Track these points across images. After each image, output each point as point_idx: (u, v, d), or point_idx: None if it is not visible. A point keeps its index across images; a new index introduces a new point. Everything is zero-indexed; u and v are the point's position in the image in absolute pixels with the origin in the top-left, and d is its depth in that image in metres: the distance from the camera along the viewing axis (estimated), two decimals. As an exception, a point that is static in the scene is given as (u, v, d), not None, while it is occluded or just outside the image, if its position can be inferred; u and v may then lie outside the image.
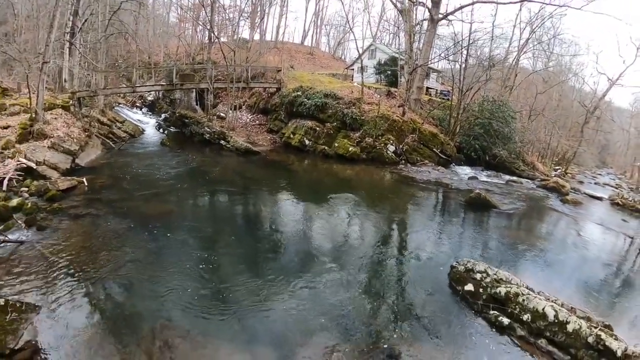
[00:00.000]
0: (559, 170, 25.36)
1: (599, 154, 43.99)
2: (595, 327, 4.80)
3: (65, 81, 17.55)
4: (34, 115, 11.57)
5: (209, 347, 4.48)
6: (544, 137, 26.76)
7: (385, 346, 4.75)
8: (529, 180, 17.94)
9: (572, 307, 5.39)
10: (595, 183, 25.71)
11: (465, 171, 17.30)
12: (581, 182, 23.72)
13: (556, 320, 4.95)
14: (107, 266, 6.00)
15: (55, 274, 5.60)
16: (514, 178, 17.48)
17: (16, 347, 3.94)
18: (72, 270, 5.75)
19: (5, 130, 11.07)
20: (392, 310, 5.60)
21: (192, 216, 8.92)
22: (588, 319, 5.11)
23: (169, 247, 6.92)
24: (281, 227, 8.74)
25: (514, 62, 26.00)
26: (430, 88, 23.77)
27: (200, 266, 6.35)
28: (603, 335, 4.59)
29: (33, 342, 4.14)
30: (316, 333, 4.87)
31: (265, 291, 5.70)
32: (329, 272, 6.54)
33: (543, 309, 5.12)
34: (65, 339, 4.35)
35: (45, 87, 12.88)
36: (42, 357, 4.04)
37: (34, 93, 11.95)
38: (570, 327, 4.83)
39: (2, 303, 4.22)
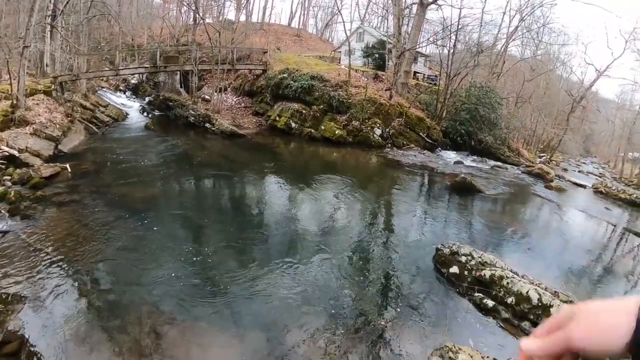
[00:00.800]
0: (543, 157, 25.82)
1: (583, 143, 44.88)
2: None
3: (46, 65, 16.95)
4: (15, 102, 11.22)
5: (197, 332, 4.49)
6: (529, 124, 27.13)
7: (372, 328, 4.83)
8: (513, 166, 18.25)
9: (555, 291, 5.47)
10: (579, 171, 26.31)
11: (451, 156, 17.48)
12: (565, 170, 24.23)
13: (540, 304, 5.03)
14: (93, 254, 5.93)
15: (40, 263, 5.50)
16: (499, 164, 17.75)
17: (3, 340, 3.88)
18: (58, 259, 5.66)
19: None
20: (379, 293, 5.66)
21: (177, 201, 8.83)
22: (571, 303, 5.20)
23: (155, 232, 6.85)
24: (268, 210, 8.73)
25: (502, 49, 26.09)
26: (418, 72, 23.74)
27: (187, 251, 6.32)
28: None
29: (20, 334, 4.07)
30: (304, 317, 4.91)
31: (252, 275, 5.71)
32: (315, 255, 6.57)
33: (527, 292, 5.20)
34: (53, 328, 4.30)
35: (27, 72, 12.48)
36: (30, 347, 3.98)
37: (14, 79, 11.53)
38: (553, 311, 4.90)
39: None
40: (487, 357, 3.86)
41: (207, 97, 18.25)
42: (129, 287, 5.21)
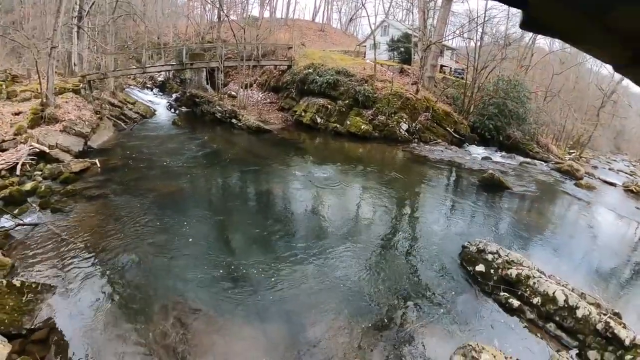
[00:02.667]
0: (573, 154, 24.82)
1: (614, 140, 42.85)
2: (605, 314, 4.71)
3: (74, 65, 17.57)
4: (44, 100, 11.63)
5: (222, 324, 4.53)
6: (559, 120, 26.09)
7: (395, 324, 4.77)
8: (542, 163, 17.64)
9: (582, 293, 5.30)
10: (610, 169, 25.10)
11: (479, 151, 17.04)
12: (595, 167, 23.21)
13: (566, 305, 4.88)
14: (120, 245, 6.05)
15: (69, 254, 5.66)
16: (528, 160, 17.22)
17: (32, 327, 4.00)
18: (86, 250, 5.83)
19: (17, 116, 11.18)
20: (403, 289, 5.59)
21: (204, 195, 8.95)
22: (597, 306, 5.01)
23: (182, 225, 6.96)
24: (293, 205, 8.73)
25: (530, 41, 25.20)
26: (445, 66, 23.21)
27: (213, 244, 6.39)
28: (612, 323, 4.50)
29: (49, 322, 4.19)
30: (327, 311, 4.90)
31: (277, 268, 5.73)
32: (340, 250, 6.53)
33: (553, 293, 5.05)
34: (80, 316, 4.42)
35: (55, 72, 12.92)
36: (58, 335, 4.11)
37: (43, 78, 11.97)
38: (579, 313, 4.75)
39: (18, 284, 4.28)
40: (511, 357, 3.75)
41: (233, 93, 18.45)
42: (155, 278, 5.30)
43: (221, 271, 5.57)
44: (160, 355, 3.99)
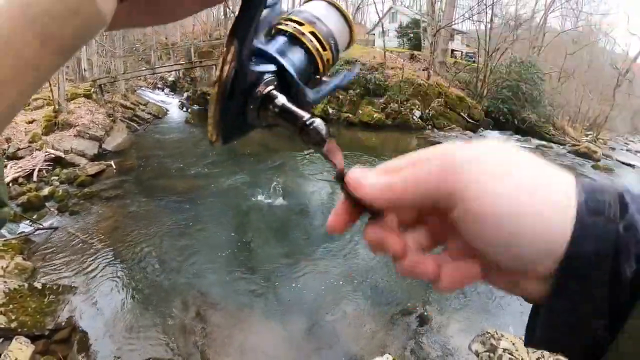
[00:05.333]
0: (590, 136, 24.26)
1: (631, 120, 41.58)
2: None
3: (84, 70, 17.84)
4: (57, 107, 11.81)
5: (241, 317, 4.57)
6: (574, 101, 25.46)
7: (413, 312, 4.76)
8: (559, 146, 17.38)
9: None
10: (628, 150, 24.48)
11: (494, 136, 16.84)
12: (613, 149, 22.65)
13: None
14: (139, 244, 6.11)
15: (89, 255, 5.73)
16: (544, 143, 16.99)
17: (55, 328, 4.08)
18: (106, 250, 5.90)
19: (31, 124, 11.39)
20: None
21: (220, 191, 8.94)
22: None
23: (200, 222, 6.99)
24: (311, 197, 8.73)
25: (541, 21, 24.55)
26: (455, 50, 22.86)
27: (231, 239, 6.41)
28: None
29: (71, 321, 4.27)
30: (346, 302, 4.91)
31: (296, 259, 5.74)
32: (359, 242, 6.48)
33: None
34: (101, 315, 4.49)
35: (66, 78, 13.17)
36: (80, 334, 4.17)
37: (54, 85, 12.14)
38: None
39: (40, 287, 4.37)
40: None
41: (243, 88, 18.48)
42: (174, 274, 5.34)
43: (240, 267, 5.62)
44: (180, 349, 4.05)
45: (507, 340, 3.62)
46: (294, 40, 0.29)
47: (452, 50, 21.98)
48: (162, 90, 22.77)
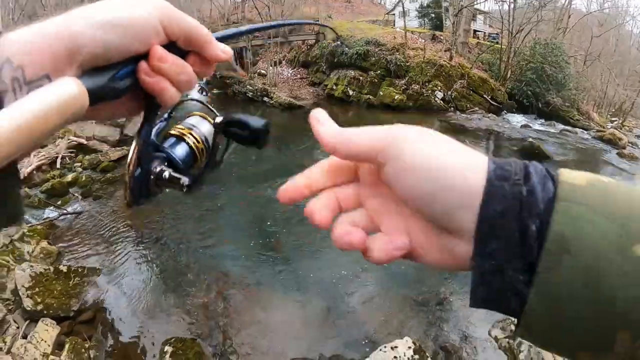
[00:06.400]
0: (615, 122, 23.44)
1: (657, 108, 39.96)
2: None
3: None
4: None
5: (262, 297, 4.63)
6: (599, 85, 24.57)
7: (432, 297, 4.74)
8: (583, 131, 16.84)
9: None
10: (654, 138, 23.67)
11: (518, 119, 16.44)
12: (639, 137, 21.94)
13: None
14: (161, 226, 6.16)
15: (113, 238, 5.80)
16: (568, 127, 16.47)
17: (80, 309, 4.16)
18: (128, 233, 5.97)
19: None
20: None
21: (240, 174, 8.90)
22: None
23: (221, 205, 7.03)
24: None
25: (566, 2, 23.54)
26: (478, 31, 22.22)
27: (253, 222, 6.45)
28: None
29: (95, 302, 4.35)
30: (365, 284, 4.91)
31: (315, 241, 5.70)
32: None
33: None
34: (125, 295, 4.55)
35: None
36: (104, 314, 4.24)
37: None
38: None
39: (65, 270, 4.42)
40: None
41: (262, 71, 18.48)
42: (196, 256, 5.38)
43: (261, 249, 5.66)
44: (202, 328, 4.11)
45: (527, 327, 3.57)
46: (179, 139, 0.45)
47: (475, 31, 21.37)
48: (181, 75, 22.92)
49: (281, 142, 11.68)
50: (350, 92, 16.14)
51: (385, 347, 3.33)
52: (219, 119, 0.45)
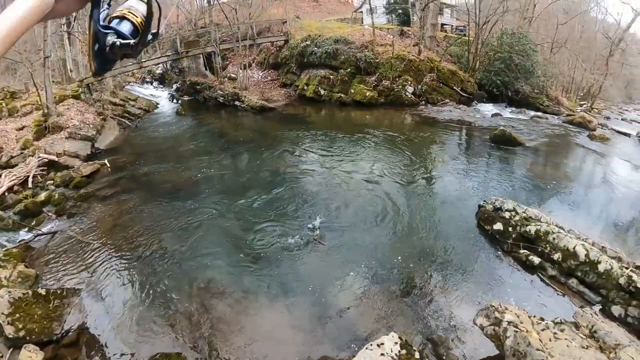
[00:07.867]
0: (584, 106, 24.11)
1: (625, 89, 41.38)
2: (627, 268, 4.55)
3: (70, 71, 17.52)
4: (46, 111, 11.64)
5: (246, 303, 4.57)
6: (567, 71, 25.26)
7: (416, 289, 4.76)
8: (554, 116, 17.25)
9: (602, 247, 5.13)
10: (622, 119, 24.35)
11: (488, 108, 16.68)
12: (607, 118, 22.53)
13: (587, 260, 4.75)
14: (139, 240, 6.05)
15: (90, 256, 5.69)
16: (539, 114, 16.84)
17: (62, 332, 4.07)
18: (106, 249, 5.85)
19: (21, 131, 11.24)
20: (422, 254, 5.53)
21: (216, 179, 8.87)
22: (619, 259, 4.85)
23: (198, 212, 6.93)
24: (306, 178, 8.66)
25: (531, -8, 24.04)
26: (445, 24, 22.51)
27: (231, 228, 6.35)
28: (635, 277, 4.34)
29: (78, 324, 4.25)
30: (349, 281, 4.92)
31: (297, 244, 5.71)
32: (357, 219, 6.48)
33: (574, 248, 4.90)
34: (108, 315, 4.46)
35: (52, 81, 12.91)
36: (88, 335, 4.16)
37: (41, 89, 11.92)
38: (601, 267, 4.61)
39: (44, 293, 4.32)
40: (534, 316, 3.63)
41: (233, 75, 18.24)
42: (177, 267, 5.31)
43: (242, 254, 5.59)
44: (187, 340, 4.04)
45: (511, 313, 3.58)
46: (122, 18, 0.64)
47: (442, 25, 21.65)
48: (151, 84, 22.42)
49: (253, 145, 11.52)
50: (322, 92, 16.08)
51: (371, 345, 3.30)
52: None
